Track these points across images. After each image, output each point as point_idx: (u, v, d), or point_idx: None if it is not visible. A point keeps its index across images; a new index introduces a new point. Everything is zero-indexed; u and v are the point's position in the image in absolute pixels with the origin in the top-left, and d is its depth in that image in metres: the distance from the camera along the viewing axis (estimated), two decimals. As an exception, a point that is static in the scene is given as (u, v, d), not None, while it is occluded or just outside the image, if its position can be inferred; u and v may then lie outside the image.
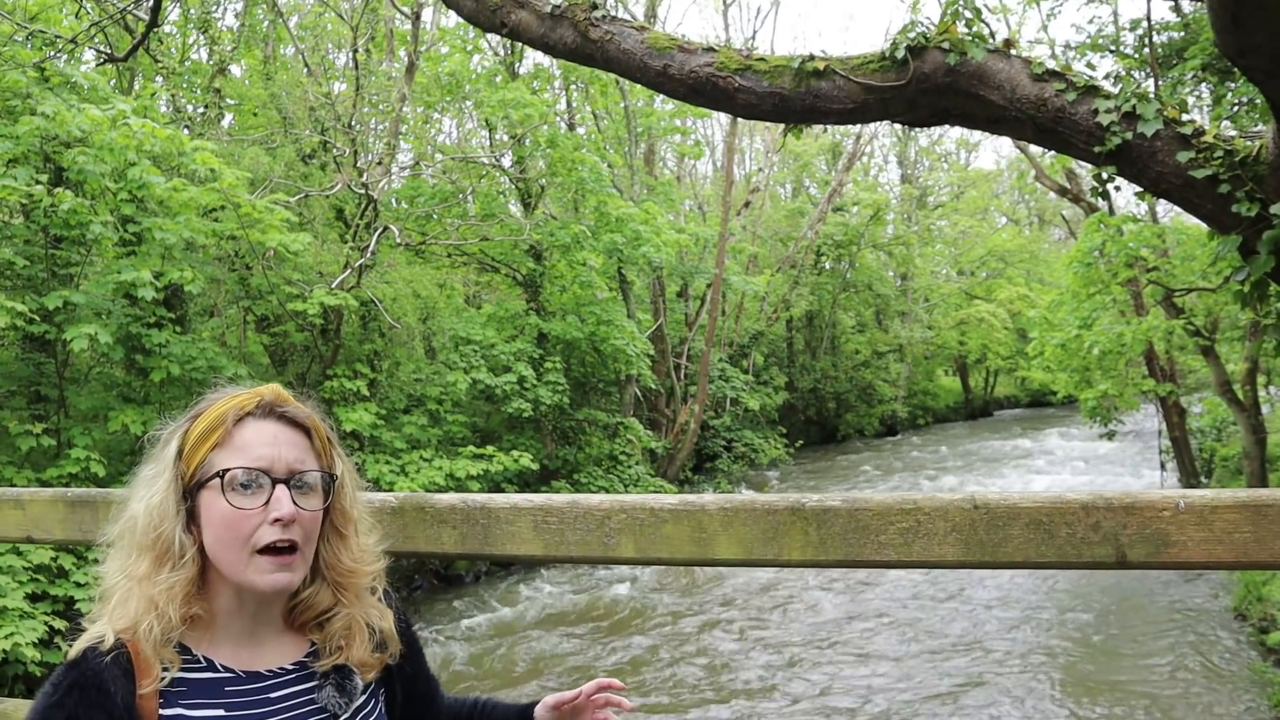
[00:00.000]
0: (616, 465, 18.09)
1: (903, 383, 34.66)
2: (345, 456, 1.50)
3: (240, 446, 1.36)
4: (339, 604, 1.46)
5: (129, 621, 1.32)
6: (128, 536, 1.38)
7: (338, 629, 1.46)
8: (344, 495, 1.47)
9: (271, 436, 1.38)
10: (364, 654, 1.46)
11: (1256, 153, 4.06)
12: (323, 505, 1.42)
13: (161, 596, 1.32)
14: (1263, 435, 13.37)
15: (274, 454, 1.37)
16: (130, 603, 1.33)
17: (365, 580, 1.50)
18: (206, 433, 1.38)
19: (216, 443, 1.37)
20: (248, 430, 1.38)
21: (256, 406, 1.40)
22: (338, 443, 1.50)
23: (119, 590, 1.36)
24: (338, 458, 1.47)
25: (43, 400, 10.05)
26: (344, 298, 12.21)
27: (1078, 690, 8.97)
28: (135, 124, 9.31)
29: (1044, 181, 19.24)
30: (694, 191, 30.79)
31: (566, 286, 17.98)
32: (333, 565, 1.46)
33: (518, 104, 15.48)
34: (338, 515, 1.46)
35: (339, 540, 1.47)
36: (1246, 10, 3.58)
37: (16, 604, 7.94)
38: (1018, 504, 1.51)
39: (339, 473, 1.46)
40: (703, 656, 10.30)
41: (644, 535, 1.68)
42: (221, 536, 1.35)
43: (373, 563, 1.52)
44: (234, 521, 1.34)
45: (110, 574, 1.39)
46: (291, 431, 1.41)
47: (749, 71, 4.65)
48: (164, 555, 1.35)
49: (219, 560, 1.36)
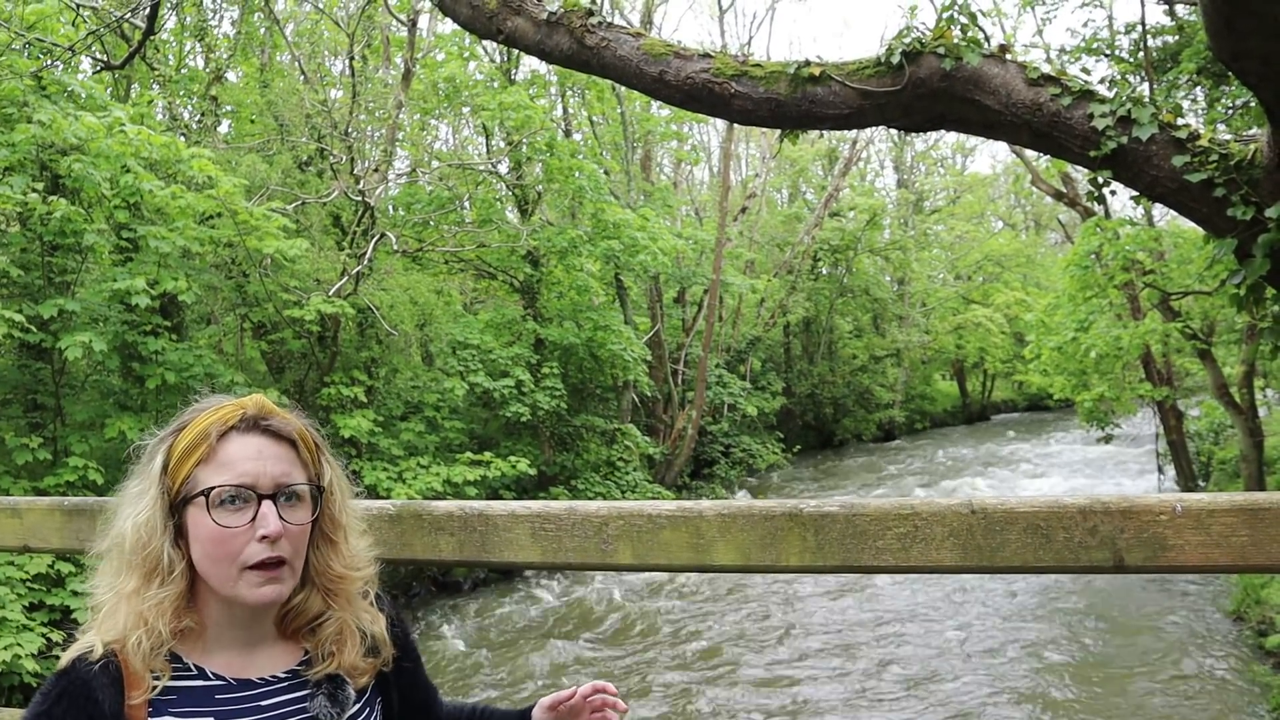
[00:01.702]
0: (614, 471, 18.07)
1: (900, 387, 34.67)
2: (334, 462, 1.49)
3: (225, 463, 1.35)
4: (330, 609, 1.46)
5: (118, 634, 1.32)
6: (116, 552, 1.38)
7: (329, 634, 1.45)
8: (333, 503, 1.46)
9: (256, 451, 1.37)
10: (355, 659, 1.45)
11: (1251, 156, 4.07)
12: (311, 516, 1.41)
13: (151, 612, 1.32)
14: (1260, 438, 13.38)
15: (259, 469, 1.36)
16: (119, 616, 1.33)
17: (356, 585, 1.49)
18: (190, 448, 1.36)
19: (201, 458, 1.36)
20: (232, 445, 1.37)
21: (240, 420, 1.38)
22: (326, 448, 1.49)
23: (107, 605, 1.36)
24: (326, 465, 1.46)
25: (39, 409, 10.04)
26: (341, 305, 12.21)
27: (1076, 694, 8.96)
28: (131, 131, 9.31)
29: (1040, 186, 19.27)
30: (691, 197, 30.80)
31: (564, 292, 17.98)
32: (323, 572, 1.45)
33: (517, 108, 15.49)
34: (327, 523, 1.46)
35: (329, 547, 1.46)
36: (1239, 15, 3.60)
37: (15, 616, 7.92)
38: (1015, 508, 1.51)
39: (327, 482, 1.45)
40: (700, 662, 10.28)
41: (642, 542, 1.68)
42: (209, 554, 1.34)
43: (364, 567, 1.51)
44: (221, 540, 1.33)
45: (99, 588, 1.38)
46: (276, 445, 1.40)
47: (745, 77, 4.66)
48: (153, 571, 1.34)
49: (208, 576, 1.35)
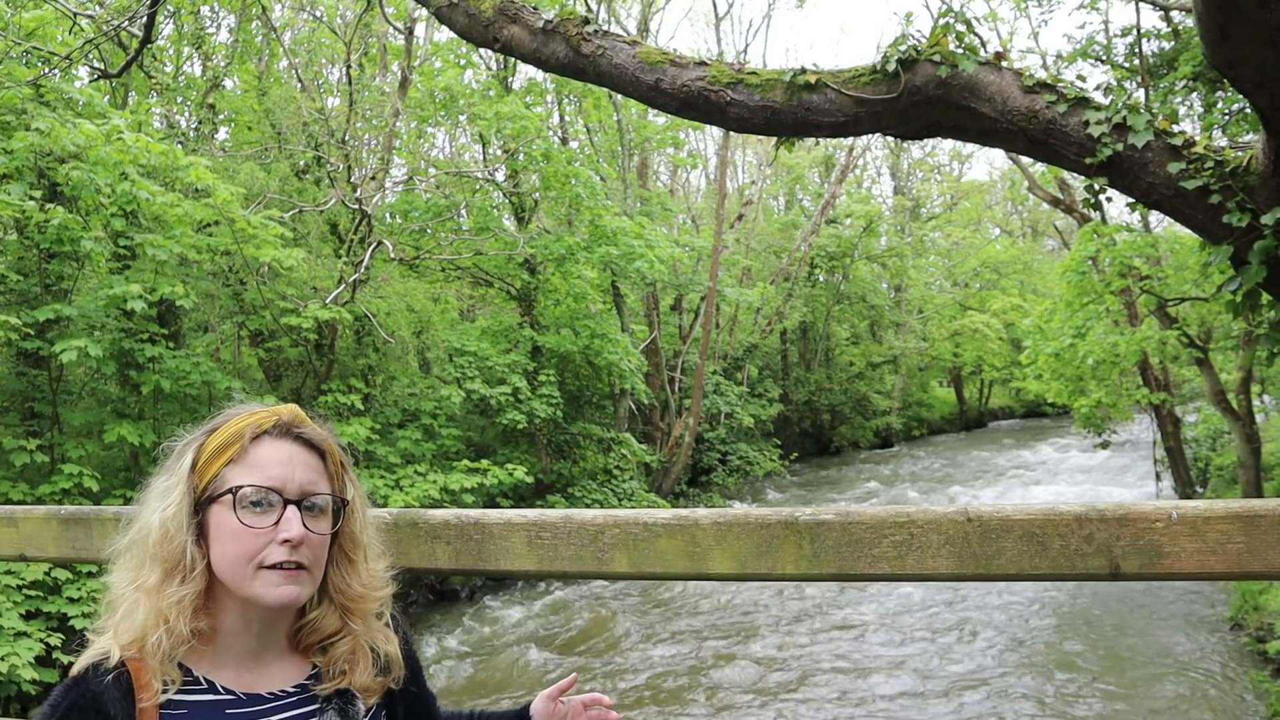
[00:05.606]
0: (611, 479, 18.06)
1: (897, 394, 34.68)
2: (358, 482, 1.50)
3: (255, 464, 1.37)
4: (346, 628, 1.46)
5: (136, 634, 1.32)
6: (139, 547, 1.37)
7: (342, 653, 1.45)
8: (354, 520, 1.47)
9: (287, 457, 1.39)
10: (367, 679, 1.46)
11: (1247, 163, 4.08)
12: (331, 529, 1.42)
13: (171, 610, 1.32)
14: (1257, 444, 13.40)
15: (287, 474, 1.37)
16: (138, 614, 1.33)
17: (374, 605, 1.50)
18: (222, 448, 1.38)
19: (231, 458, 1.37)
20: (263, 449, 1.38)
21: (274, 426, 1.40)
22: (351, 467, 1.50)
23: (126, 601, 1.35)
24: (350, 482, 1.48)
25: (36, 417, 10.02)
26: (338, 312, 12.20)
27: (1073, 702, 8.95)
28: (130, 139, 9.31)
29: (1037, 192, 19.33)
30: (687, 204, 30.84)
31: (561, 300, 17.98)
32: (342, 589, 1.46)
33: (514, 117, 15.52)
34: (347, 540, 1.47)
35: (348, 565, 1.47)
36: (1234, 23, 3.61)
37: (12, 624, 7.89)
38: (1011, 516, 1.51)
39: (350, 497, 1.46)
40: (698, 670, 10.26)
41: (638, 550, 1.68)
42: (229, 552, 1.34)
43: (381, 588, 1.52)
44: (243, 539, 1.34)
45: (118, 584, 1.38)
46: (306, 453, 1.41)
47: (741, 85, 4.66)
48: (174, 568, 1.34)
49: (225, 575, 1.35)
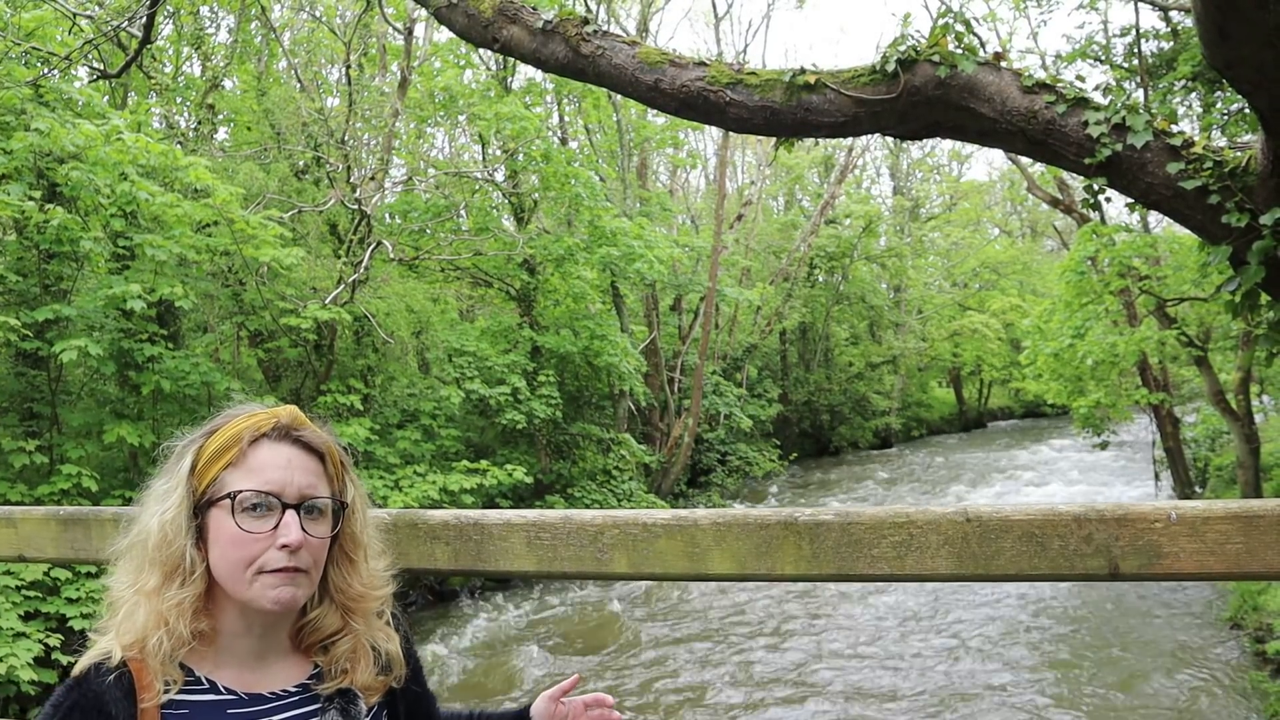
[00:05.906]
0: (610, 480, 18.06)
1: (897, 395, 34.68)
2: (358, 482, 1.50)
3: (253, 468, 1.36)
4: (347, 627, 1.46)
5: (136, 635, 1.32)
6: (138, 549, 1.37)
7: (343, 652, 1.45)
8: (354, 521, 1.47)
9: (285, 460, 1.38)
10: (369, 678, 1.46)
11: (1245, 163, 4.08)
12: (331, 531, 1.42)
13: (171, 612, 1.32)
14: (1256, 444, 13.40)
15: (286, 478, 1.37)
16: (138, 616, 1.33)
17: (374, 604, 1.50)
18: (220, 451, 1.37)
19: (230, 462, 1.36)
20: (262, 452, 1.38)
21: (273, 429, 1.40)
22: (351, 467, 1.49)
23: (126, 603, 1.35)
24: (350, 483, 1.47)
25: (35, 418, 10.02)
26: (337, 313, 12.20)
27: (1071, 702, 8.95)
28: (129, 139, 9.30)
29: (1036, 193, 19.33)
30: (687, 205, 30.83)
31: (560, 300, 17.98)
32: (342, 589, 1.46)
33: (513, 117, 15.52)
34: (347, 540, 1.46)
35: (349, 565, 1.47)
36: (1232, 23, 3.61)
37: (11, 624, 7.89)
38: (1010, 516, 1.51)
39: (350, 499, 1.46)
40: (697, 670, 10.26)
41: (637, 550, 1.68)
42: (228, 556, 1.34)
43: (382, 587, 1.52)
44: (242, 543, 1.33)
45: (119, 586, 1.38)
46: (306, 456, 1.41)
47: (740, 85, 4.66)
48: (174, 571, 1.34)
49: (224, 579, 1.35)
